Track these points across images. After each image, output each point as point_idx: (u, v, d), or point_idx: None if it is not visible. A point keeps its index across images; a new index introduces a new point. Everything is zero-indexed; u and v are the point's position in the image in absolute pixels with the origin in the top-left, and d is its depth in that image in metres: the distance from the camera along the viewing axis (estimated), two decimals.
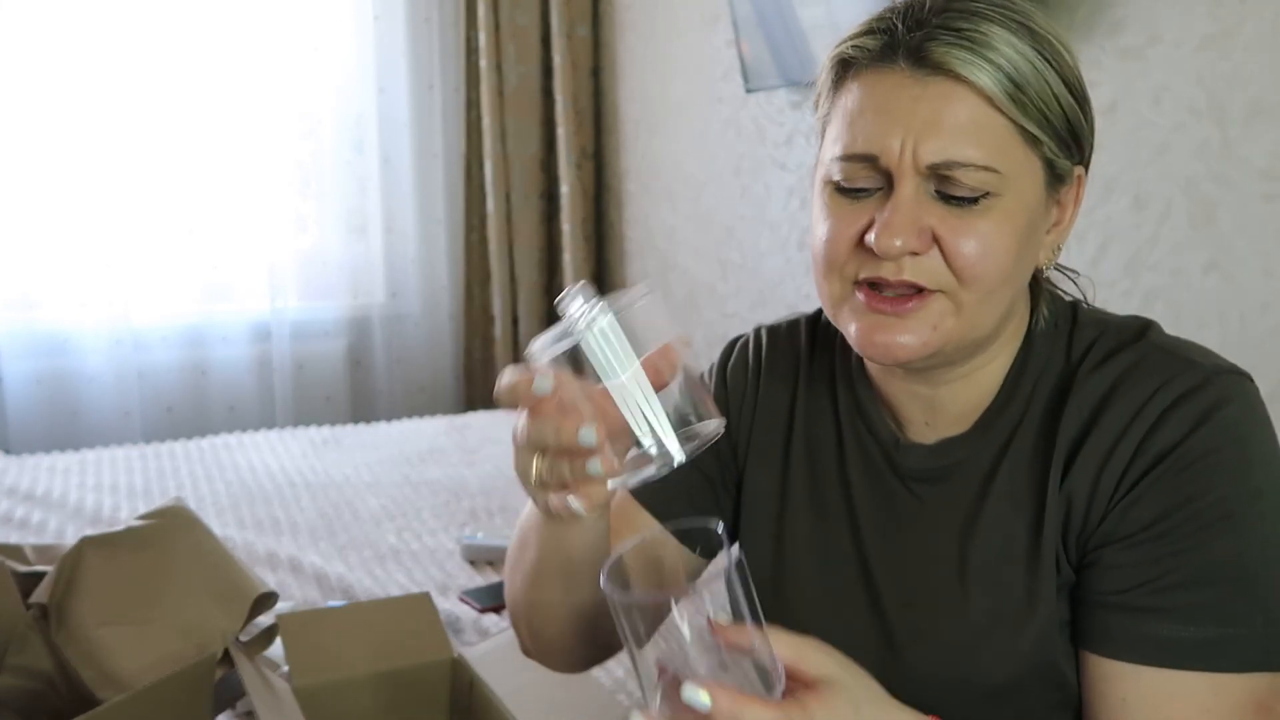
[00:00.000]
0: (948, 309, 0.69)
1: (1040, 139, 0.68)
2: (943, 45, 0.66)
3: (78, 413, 2.82)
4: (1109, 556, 0.69)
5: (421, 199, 3.15)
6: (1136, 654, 0.67)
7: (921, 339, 0.69)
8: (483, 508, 2.09)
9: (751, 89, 2.38)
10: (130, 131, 2.76)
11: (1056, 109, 0.68)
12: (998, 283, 0.69)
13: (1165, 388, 0.68)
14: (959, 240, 0.67)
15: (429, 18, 3.09)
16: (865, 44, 0.70)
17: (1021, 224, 0.69)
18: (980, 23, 0.66)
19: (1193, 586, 0.66)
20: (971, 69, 0.65)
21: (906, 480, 0.79)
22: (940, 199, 0.68)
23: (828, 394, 0.86)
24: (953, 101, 0.66)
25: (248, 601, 1.14)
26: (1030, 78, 0.66)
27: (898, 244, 0.67)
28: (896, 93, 0.68)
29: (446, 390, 3.29)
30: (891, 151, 0.67)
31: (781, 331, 0.91)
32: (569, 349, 0.60)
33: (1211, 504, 0.66)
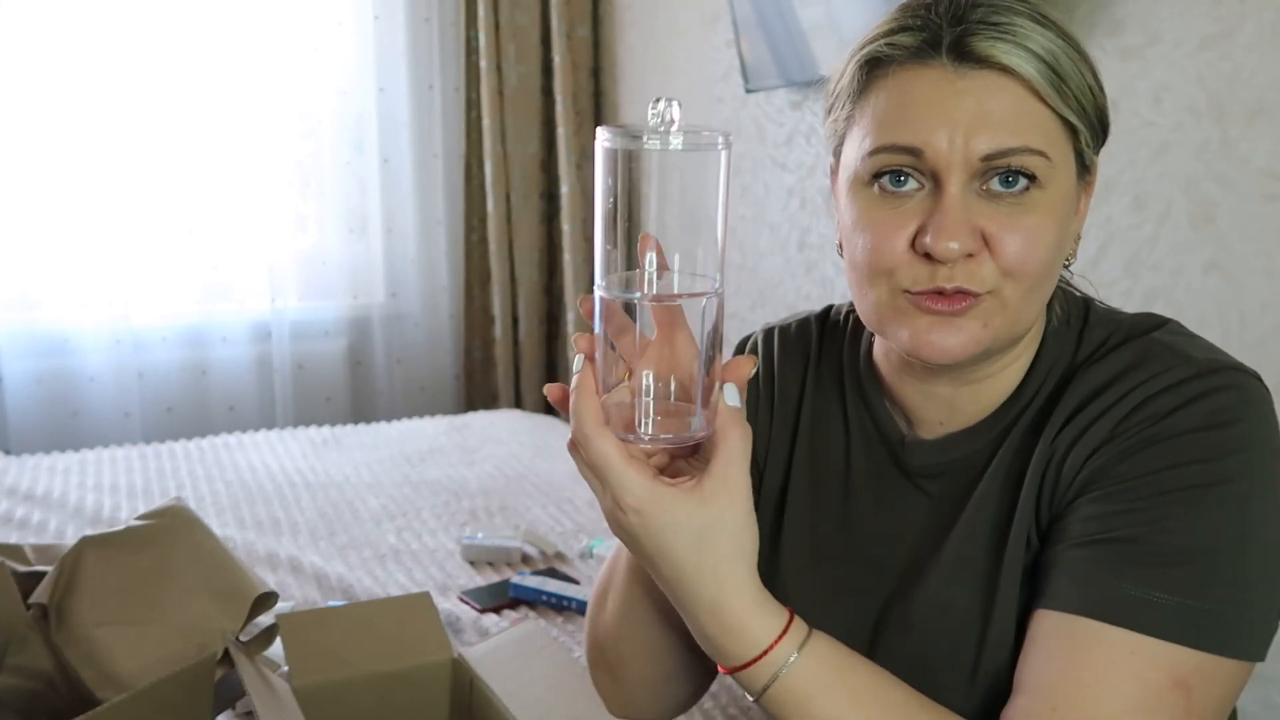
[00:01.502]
0: (995, 307, 0.69)
1: (1078, 129, 0.69)
2: (985, 39, 0.66)
3: (78, 413, 2.82)
4: (1069, 513, 0.68)
5: (421, 199, 3.15)
6: (1065, 601, 0.65)
7: (974, 337, 0.68)
8: (483, 508, 2.09)
9: (751, 89, 2.38)
10: (130, 131, 2.76)
11: (1091, 100, 0.69)
12: (1042, 276, 0.69)
13: (1159, 376, 0.68)
14: (1008, 237, 0.67)
15: (429, 18, 3.09)
16: (900, 41, 0.69)
17: (1062, 215, 0.69)
18: (1014, 17, 0.67)
19: (1137, 544, 0.64)
20: (1017, 60, 0.66)
21: (913, 477, 0.79)
22: (985, 197, 0.67)
23: (836, 393, 0.86)
24: (999, 93, 0.66)
25: (248, 601, 1.14)
26: (1068, 68, 0.67)
27: (955, 246, 0.66)
28: (939, 88, 0.67)
29: (446, 390, 3.29)
30: (938, 147, 0.66)
31: (791, 331, 0.91)
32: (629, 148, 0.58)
33: (1178, 475, 0.65)
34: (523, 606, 1.61)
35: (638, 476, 0.61)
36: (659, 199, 0.58)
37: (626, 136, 0.58)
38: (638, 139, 0.57)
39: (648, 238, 0.60)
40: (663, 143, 0.57)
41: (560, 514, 2.05)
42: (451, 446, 2.55)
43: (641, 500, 0.61)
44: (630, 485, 0.61)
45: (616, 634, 0.84)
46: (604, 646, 0.86)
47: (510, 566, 1.79)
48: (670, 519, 0.61)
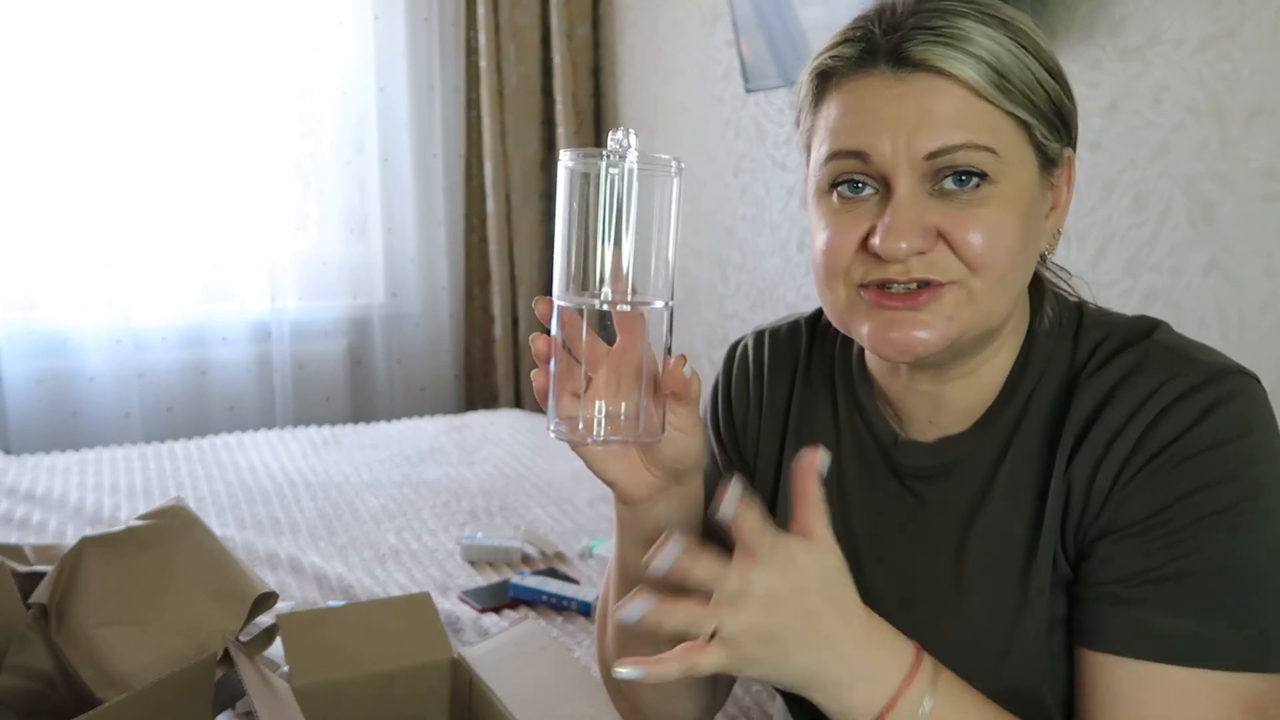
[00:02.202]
0: (962, 298, 0.69)
1: (1029, 123, 0.69)
2: (920, 44, 0.67)
3: (78, 413, 2.82)
4: (1103, 549, 0.69)
5: (421, 199, 3.15)
6: (1124, 646, 0.66)
7: (939, 331, 0.69)
8: (483, 508, 2.09)
9: (751, 89, 2.38)
10: (130, 131, 2.76)
11: (1041, 93, 0.69)
12: (1008, 267, 0.69)
13: (1168, 384, 0.68)
14: (965, 231, 0.67)
15: (429, 18, 3.09)
16: (843, 53, 0.71)
17: (1022, 208, 0.69)
18: (953, 18, 0.68)
19: (1185, 580, 0.65)
20: (952, 62, 0.67)
21: (905, 478, 0.79)
22: (938, 195, 0.68)
23: (826, 394, 0.86)
24: (938, 94, 0.67)
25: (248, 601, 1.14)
26: (1011, 65, 0.67)
27: (903, 246, 0.67)
28: (880, 94, 0.69)
29: (446, 390, 3.29)
30: (882, 152, 0.68)
31: (781, 333, 0.92)
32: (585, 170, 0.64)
33: (1209, 498, 0.65)
34: (523, 606, 1.61)
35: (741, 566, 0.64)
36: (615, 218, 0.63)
37: (587, 159, 0.62)
38: (597, 161, 0.62)
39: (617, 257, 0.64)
40: (620, 167, 0.62)
41: (560, 514, 2.05)
42: (451, 446, 2.55)
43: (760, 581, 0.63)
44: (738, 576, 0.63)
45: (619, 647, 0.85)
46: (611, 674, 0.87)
47: (510, 566, 1.79)
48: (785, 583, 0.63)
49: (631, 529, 0.77)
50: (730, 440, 0.92)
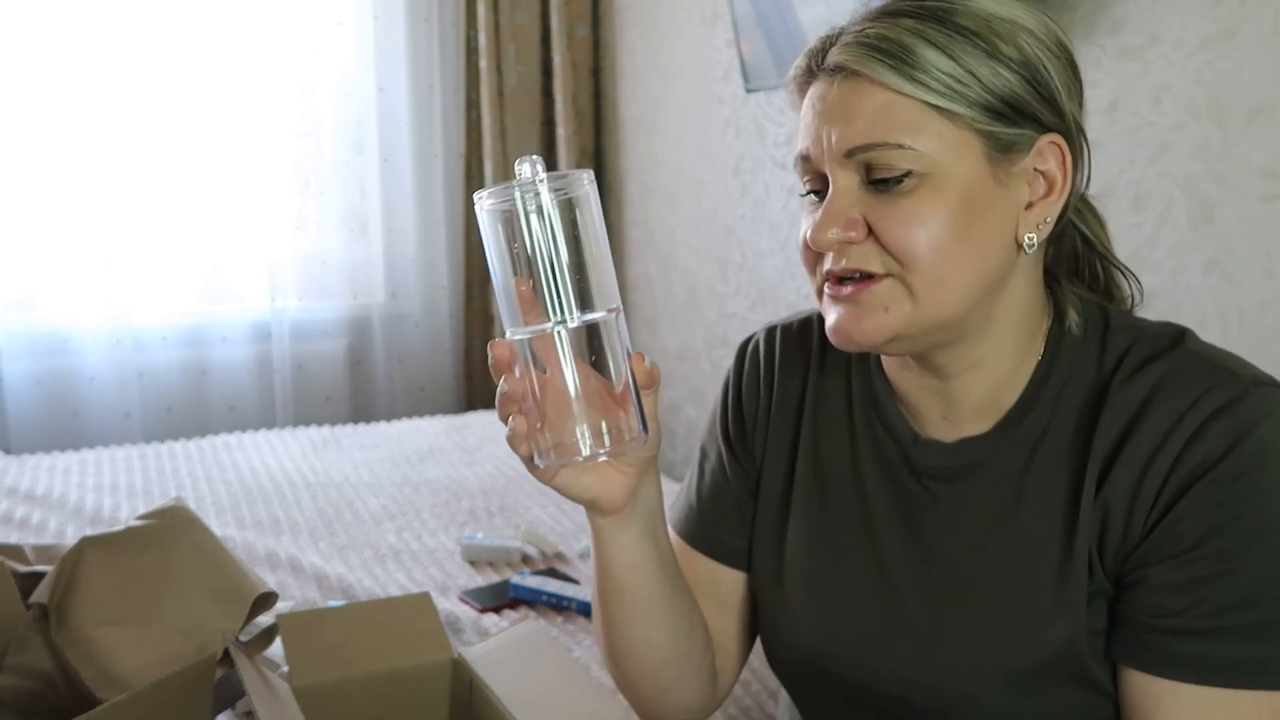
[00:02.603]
0: (899, 292, 0.71)
1: (958, 113, 0.69)
2: (841, 50, 0.72)
3: (78, 413, 2.82)
4: (1155, 576, 0.69)
5: (421, 199, 3.14)
6: (1182, 673, 0.67)
7: (875, 322, 0.71)
8: (483, 508, 2.09)
9: (751, 89, 2.38)
10: (130, 131, 2.76)
11: (973, 82, 0.69)
12: (941, 259, 0.69)
13: (1205, 398, 0.68)
14: (889, 223, 0.70)
15: (429, 18, 3.09)
16: (799, 64, 0.77)
17: (956, 199, 0.69)
18: (887, 22, 0.71)
19: (1241, 606, 0.66)
20: (866, 63, 0.70)
21: (922, 478, 0.79)
22: (870, 188, 0.71)
23: (842, 390, 0.86)
24: (857, 93, 0.71)
25: (248, 601, 1.14)
26: (932, 59, 0.69)
27: (830, 235, 0.71)
28: (818, 99, 0.74)
29: (446, 390, 3.29)
30: (816, 152, 0.73)
31: (794, 329, 0.92)
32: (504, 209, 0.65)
33: (1258, 521, 0.66)
34: (523, 606, 1.61)
35: None
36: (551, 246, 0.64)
37: (501, 196, 0.64)
38: (512, 198, 0.64)
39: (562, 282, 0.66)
40: (538, 200, 0.64)
41: (560, 514, 2.05)
42: (451, 446, 2.55)
43: None
44: None
45: (610, 650, 0.87)
46: (610, 660, 0.89)
47: (510, 566, 1.79)
48: None
49: (616, 537, 0.77)
50: (739, 437, 0.92)
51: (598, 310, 0.66)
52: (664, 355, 2.94)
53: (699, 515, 0.93)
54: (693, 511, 0.94)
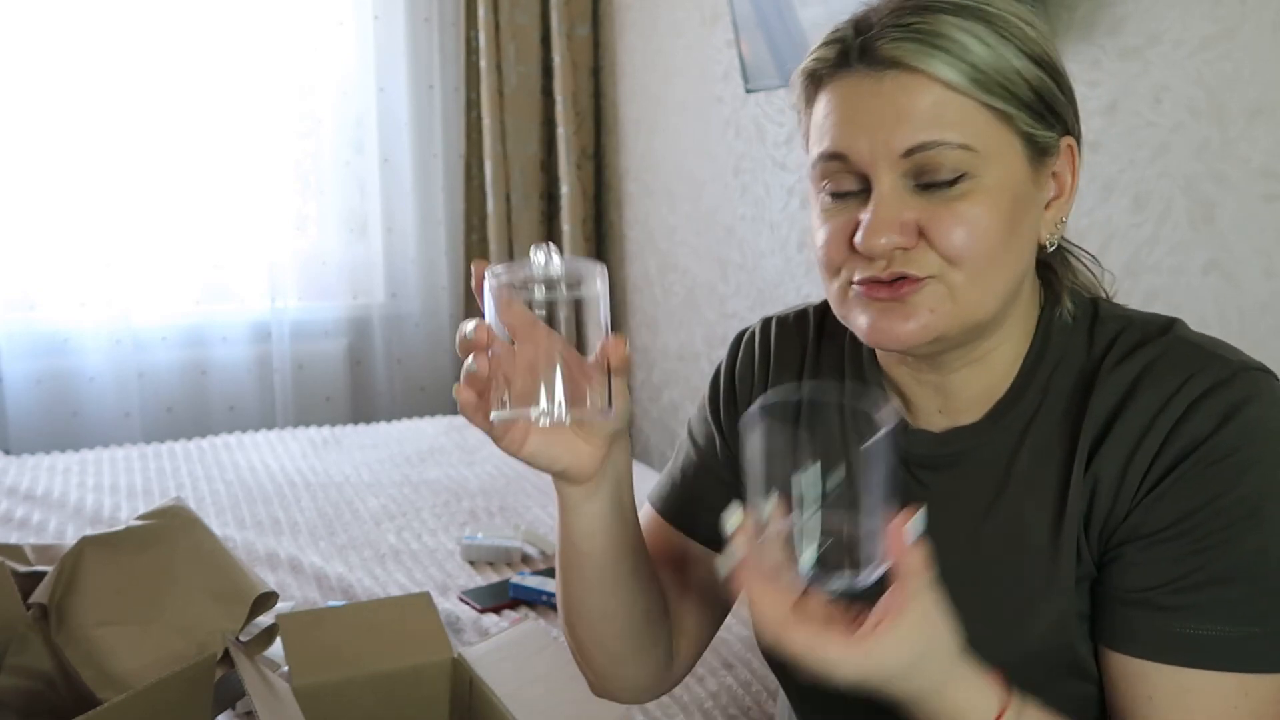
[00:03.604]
0: (942, 293, 0.70)
1: (1010, 114, 0.69)
2: (890, 41, 0.68)
3: (78, 413, 2.82)
4: (1133, 553, 0.69)
5: (421, 199, 3.14)
6: (1163, 653, 0.67)
7: (921, 323, 0.70)
8: (483, 508, 2.09)
9: (751, 89, 2.38)
10: (130, 131, 2.76)
11: (1020, 82, 0.69)
12: (988, 262, 0.69)
13: (1192, 380, 0.68)
14: (945, 227, 0.68)
15: (429, 18, 3.09)
16: (823, 55, 0.73)
17: (1006, 202, 0.69)
18: (927, 15, 0.68)
19: (1220, 584, 0.66)
20: (922, 58, 0.67)
21: (912, 467, 0.80)
22: (919, 190, 0.69)
23: (835, 381, 0.86)
24: (913, 91, 0.68)
25: (248, 601, 1.14)
26: (985, 57, 0.68)
27: (882, 242, 0.68)
28: (856, 93, 0.70)
29: (446, 390, 3.29)
30: (860, 151, 0.69)
31: (790, 321, 0.92)
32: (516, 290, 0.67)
33: (1238, 500, 0.66)
34: (523, 606, 1.61)
35: (840, 652, 0.60)
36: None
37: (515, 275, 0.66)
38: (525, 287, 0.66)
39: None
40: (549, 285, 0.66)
41: None
42: (451, 446, 2.55)
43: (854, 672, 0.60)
44: (836, 666, 0.60)
45: (567, 618, 0.87)
46: (567, 635, 0.89)
47: (510, 566, 1.79)
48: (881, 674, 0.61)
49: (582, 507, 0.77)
50: (729, 424, 0.93)
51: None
52: (664, 355, 2.94)
53: (679, 491, 0.94)
54: (675, 487, 0.94)
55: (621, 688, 0.90)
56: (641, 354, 3.04)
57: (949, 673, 0.63)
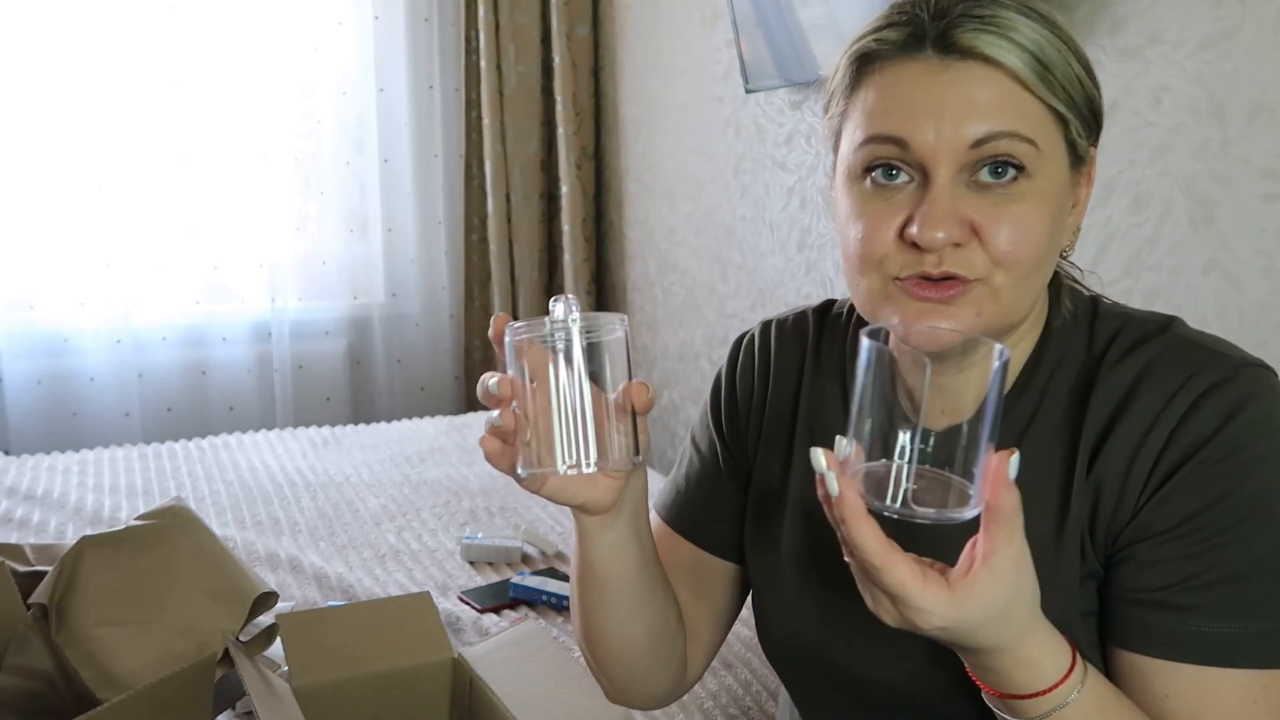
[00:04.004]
0: (986, 295, 0.69)
1: (1067, 118, 0.69)
2: (969, 30, 0.67)
3: (78, 413, 2.82)
4: (1144, 552, 0.69)
5: (421, 199, 3.15)
6: (1176, 651, 0.67)
7: (966, 325, 0.69)
8: (483, 508, 2.09)
9: (751, 89, 2.38)
10: (130, 131, 2.76)
11: (1079, 89, 0.69)
12: (1034, 265, 0.69)
13: (1195, 377, 0.68)
14: (997, 226, 0.67)
15: (429, 18, 3.09)
16: (888, 36, 0.70)
17: (1054, 205, 0.69)
18: (998, 9, 0.68)
19: (1233, 582, 0.66)
20: (1000, 51, 0.66)
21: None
22: (974, 188, 0.68)
23: (836, 383, 0.86)
24: (985, 83, 0.67)
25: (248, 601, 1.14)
26: (1054, 58, 0.68)
27: (940, 236, 0.66)
28: (925, 80, 0.68)
29: (446, 390, 3.29)
30: (924, 139, 0.67)
31: (788, 324, 0.92)
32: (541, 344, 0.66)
33: (1247, 497, 0.66)
34: (523, 606, 1.61)
35: (936, 594, 0.59)
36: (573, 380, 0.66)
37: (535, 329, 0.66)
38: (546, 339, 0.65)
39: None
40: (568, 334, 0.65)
41: (560, 514, 2.05)
42: (451, 446, 2.55)
43: (944, 618, 0.59)
44: (931, 607, 0.58)
45: (585, 635, 0.87)
46: (584, 648, 0.89)
47: (510, 566, 1.79)
48: (969, 620, 0.59)
49: (600, 536, 0.77)
50: (731, 427, 0.92)
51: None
52: (664, 355, 2.94)
53: (685, 500, 0.93)
54: (680, 496, 0.94)
55: (640, 696, 0.90)
56: (642, 354, 3.04)
57: (1029, 623, 0.62)
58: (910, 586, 0.58)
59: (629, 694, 0.90)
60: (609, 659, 0.86)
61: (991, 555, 0.58)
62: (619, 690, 0.89)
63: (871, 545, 0.58)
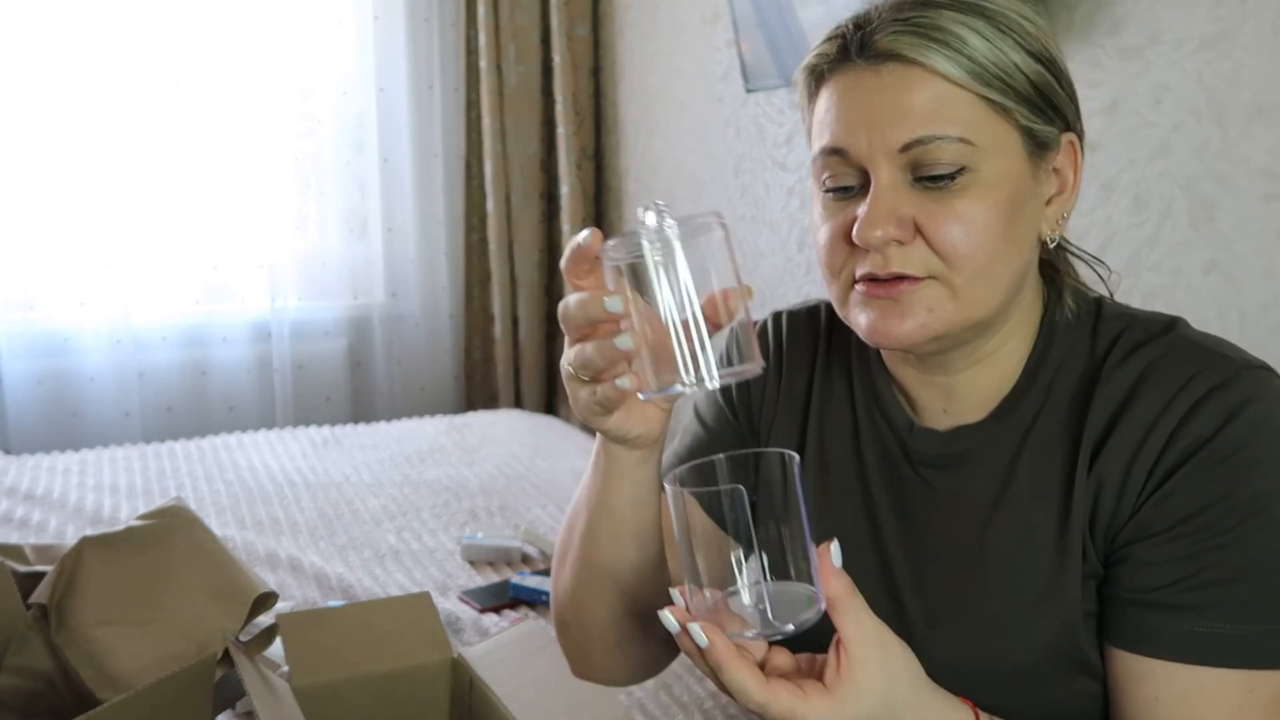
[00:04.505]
0: (942, 294, 0.69)
1: (1008, 107, 0.69)
2: (888, 35, 0.68)
3: (78, 413, 2.82)
4: (1142, 552, 0.69)
5: (421, 199, 3.15)
6: (1170, 651, 0.67)
7: (919, 322, 0.69)
8: (483, 508, 2.09)
9: (751, 89, 2.38)
10: (130, 131, 2.76)
11: (1020, 76, 0.69)
12: (988, 260, 0.69)
13: (1196, 379, 0.68)
14: (940, 224, 0.68)
15: (429, 18, 3.09)
16: (825, 50, 0.73)
17: (1004, 197, 0.69)
18: (926, 10, 0.68)
19: (1229, 583, 0.66)
20: (921, 51, 0.67)
21: (918, 466, 0.80)
22: (917, 186, 0.69)
23: (844, 380, 0.86)
24: (911, 84, 0.68)
25: (248, 601, 1.14)
26: (983, 50, 0.68)
27: (878, 234, 0.68)
28: (855, 87, 0.70)
29: (446, 390, 3.29)
30: (859, 144, 0.69)
31: (801, 317, 0.92)
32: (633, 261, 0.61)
33: (1246, 499, 0.66)
34: (523, 606, 1.61)
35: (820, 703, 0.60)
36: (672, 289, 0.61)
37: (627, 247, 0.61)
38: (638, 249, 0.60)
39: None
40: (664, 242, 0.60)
41: (560, 514, 2.05)
42: (451, 446, 2.55)
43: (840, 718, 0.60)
44: (820, 715, 0.60)
45: (573, 601, 0.83)
46: (565, 608, 0.85)
47: (510, 566, 1.79)
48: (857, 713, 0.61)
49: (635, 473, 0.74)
50: (743, 407, 0.92)
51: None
52: None
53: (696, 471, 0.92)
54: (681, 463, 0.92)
55: (616, 668, 0.87)
56: None
57: (918, 697, 0.63)
58: (797, 708, 0.60)
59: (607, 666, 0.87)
60: (605, 620, 0.82)
61: (850, 643, 0.61)
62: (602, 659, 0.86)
63: (751, 686, 0.59)
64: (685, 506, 0.62)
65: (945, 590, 0.76)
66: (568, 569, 0.83)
